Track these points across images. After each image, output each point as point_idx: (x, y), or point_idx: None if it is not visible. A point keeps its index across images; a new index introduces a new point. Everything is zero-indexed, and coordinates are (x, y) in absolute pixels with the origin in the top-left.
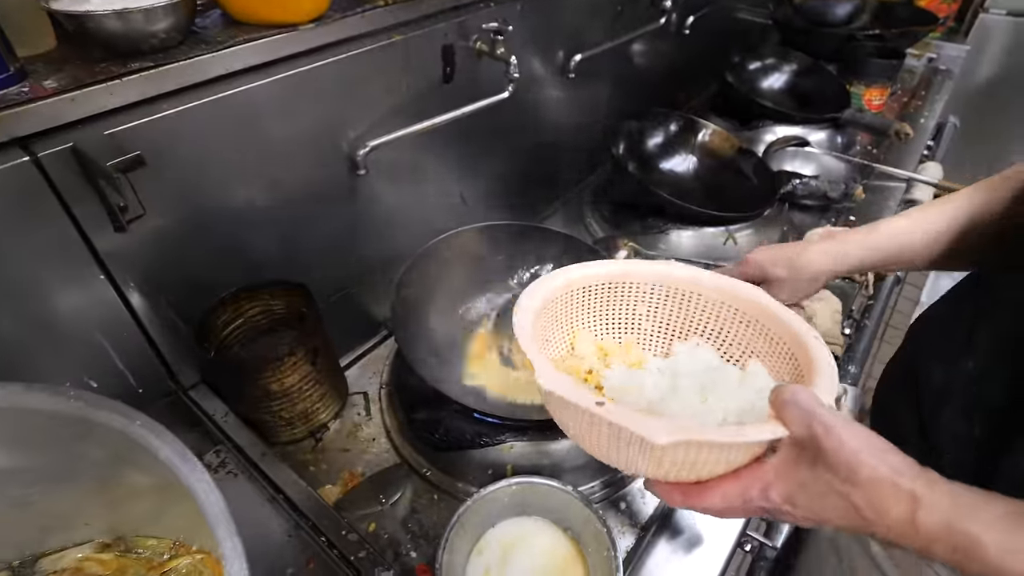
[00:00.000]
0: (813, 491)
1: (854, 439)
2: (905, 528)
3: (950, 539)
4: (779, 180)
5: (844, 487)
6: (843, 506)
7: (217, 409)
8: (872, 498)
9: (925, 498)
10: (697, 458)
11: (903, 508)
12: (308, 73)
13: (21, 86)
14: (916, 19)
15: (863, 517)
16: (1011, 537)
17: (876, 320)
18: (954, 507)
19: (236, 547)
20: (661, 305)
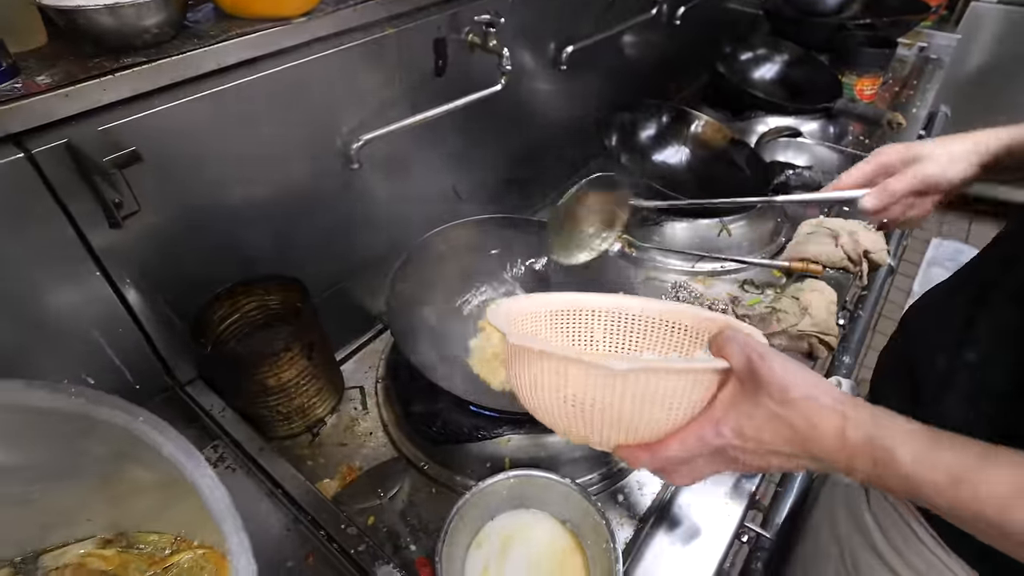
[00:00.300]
0: (757, 419)
1: (786, 363)
2: (834, 443)
3: (872, 453)
4: (772, 171)
5: (781, 409)
6: (782, 428)
7: (214, 404)
8: (806, 415)
9: (851, 415)
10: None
11: (833, 423)
12: (301, 67)
13: (13, 82)
14: (908, 8)
15: (799, 435)
16: (922, 450)
17: (870, 310)
18: (875, 424)
19: (243, 542)
20: (614, 328)
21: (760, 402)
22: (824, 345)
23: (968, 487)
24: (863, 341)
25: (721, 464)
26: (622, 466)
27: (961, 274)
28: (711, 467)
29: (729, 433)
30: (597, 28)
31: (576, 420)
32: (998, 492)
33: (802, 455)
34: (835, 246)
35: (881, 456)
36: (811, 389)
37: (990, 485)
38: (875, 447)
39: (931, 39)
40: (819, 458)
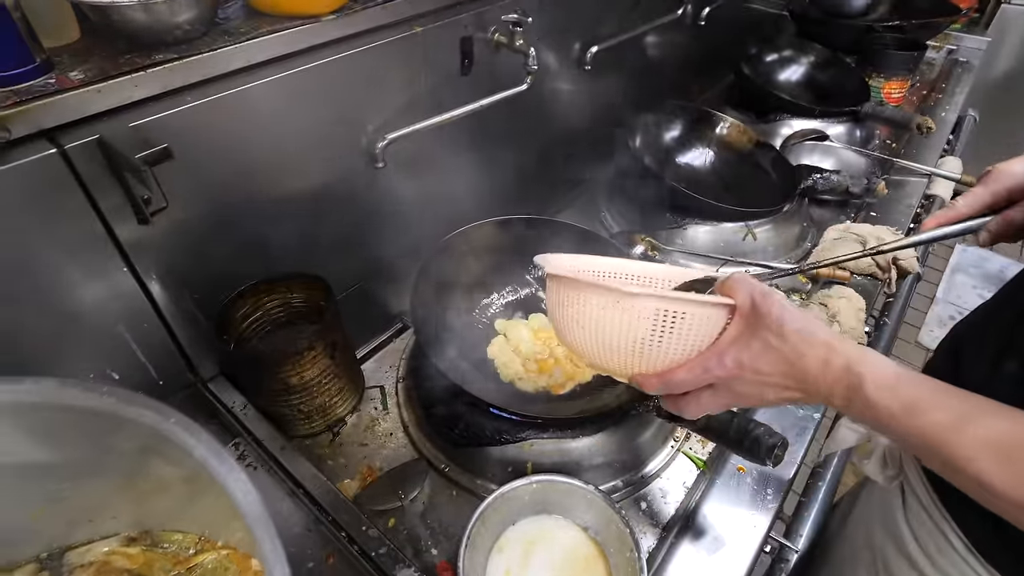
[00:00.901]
0: (755, 349)
1: (785, 303)
2: (818, 370)
3: (847, 379)
4: (799, 174)
5: (777, 340)
6: (777, 359)
7: (236, 402)
8: (797, 346)
9: (837, 345)
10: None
11: (819, 352)
12: (329, 65)
13: (47, 77)
14: (937, 10)
15: (790, 364)
16: (887, 379)
17: (896, 318)
18: (856, 353)
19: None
20: None
21: (759, 335)
22: None
23: (918, 415)
24: (890, 349)
25: (724, 396)
26: (645, 473)
27: (1004, 292)
28: (714, 401)
29: (731, 363)
30: (622, 28)
31: (600, 347)
32: (942, 419)
33: (793, 386)
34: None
35: (853, 382)
36: (805, 324)
37: (936, 413)
38: (850, 373)
39: (960, 42)
40: (806, 386)
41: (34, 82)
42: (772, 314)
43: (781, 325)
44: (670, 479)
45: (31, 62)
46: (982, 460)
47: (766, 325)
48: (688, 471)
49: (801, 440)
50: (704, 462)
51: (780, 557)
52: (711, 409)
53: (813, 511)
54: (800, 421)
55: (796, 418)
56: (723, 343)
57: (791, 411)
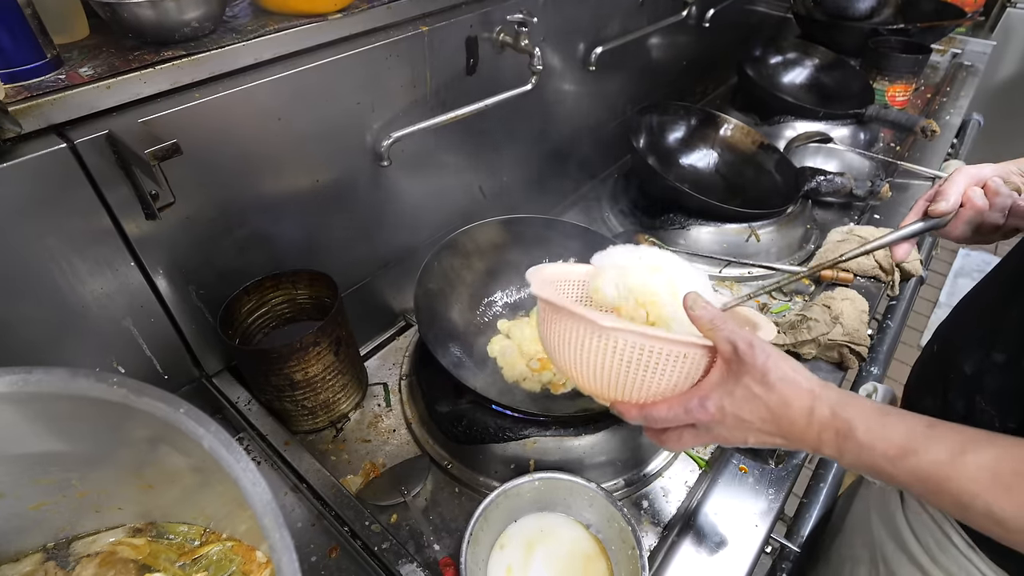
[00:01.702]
0: (738, 397)
1: (769, 352)
2: (804, 419)
3: (834, 425)
4: (802, 176)
5: (759, 389)
6: (759, 408)
7: (240, 397)
8: (782, 395)
9: (820, 393)
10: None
11: (803, 403)
12: (335, 63)
13: (57, 73)
14: (942, 13)
15: (774, 413)
16: (874, 421)
17: (899, 321)
18: (840, 401)
19: (285, 538)
20: None
21: (742, 382)
22: (855, 355)
23: (913, 457)
24: (892, 351)
25: (704, 437)
26: (647, 472)
27: (986, 279)
28: (695, 439)
29: (713, 408)
30: (627, 29)
31: (582, 370)
32: (940, 458)
33: (775, 433)
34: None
35: (842, 427)
36: (789, 373)
37: (932, 453)
38: (837, 419)
39: (965, 45)
40: (789, 435)
41: (44, 78)
42: (757, 362)
43: (765, 374)
44: (672, 478)
45: (41, 58)
46: (987, 493)
47: (750, 373)
48: (690, 470)
49: None
50: (706, 462)
51: (781, 557)
52: (692, 446)
53: (814, 512)
54: None
55: None
56: (706, 387)
57: None
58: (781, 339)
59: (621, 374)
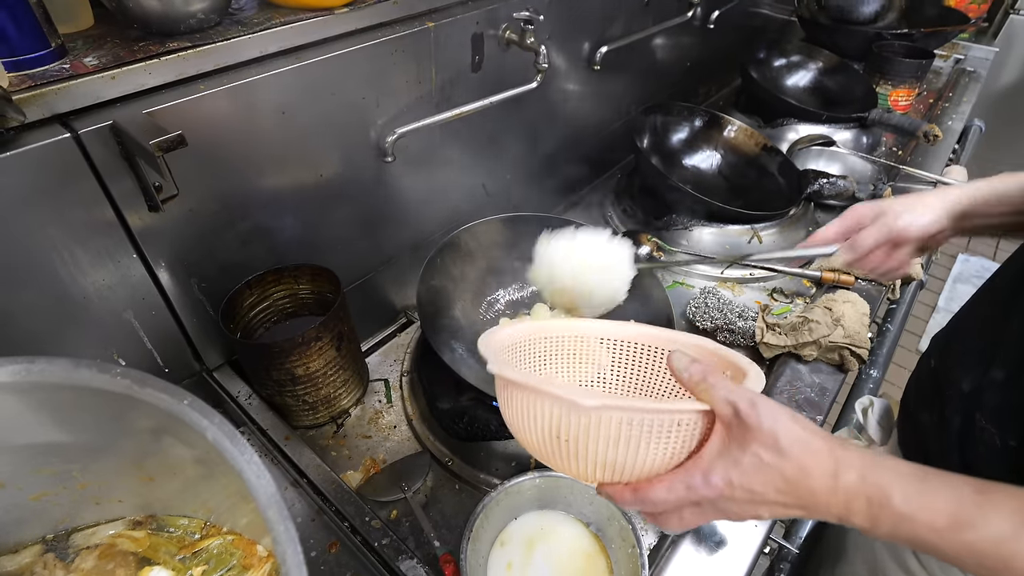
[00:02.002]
0: (746, 467)
1: (775, 410)
2: (827, 486)
3: (864, 490)
4: (805, 179)
5: (772, 456)
6: (773, 477)
7: (241, 391)
8: (798, 461)
9: (842, 456)
10: (631, 437)
11: (825, 467)
12: (340, 58)
13: (62, 63)
14: (946, 19)
15: (790, 483)
16: (914, 488)
17: (898, 324)
18: (865, 463)
19: (289, 531)
20: (623, 355)
21: (749, 449)
22: (855, 357)
23: (970, 531)
24: (891, 355)
25: (710, 514)
26: None
27: (984, 289)
28: (699, 518)
29: (719, 482)
30: (632, 29)
31: (557, 452)
32: (1002, 532)
33: (793, 504)
34: None
35: (874, 495)
36: (803, 435)
37: (992, 527)
38: (868, 485)
39: (968, 51)
40: (810, 505)
41: (49, 67)
42: (764, 426)
43: (776, 438)
44: None
45: (46, 47)
46: None
47: (758, 439)
48: None
49: None
50: None
51: (779, 558)
52: (695, 525)
53: None
54: None
55: None
56: (707, 458)
57: None
58: (782, 341)
59: (608, 454)
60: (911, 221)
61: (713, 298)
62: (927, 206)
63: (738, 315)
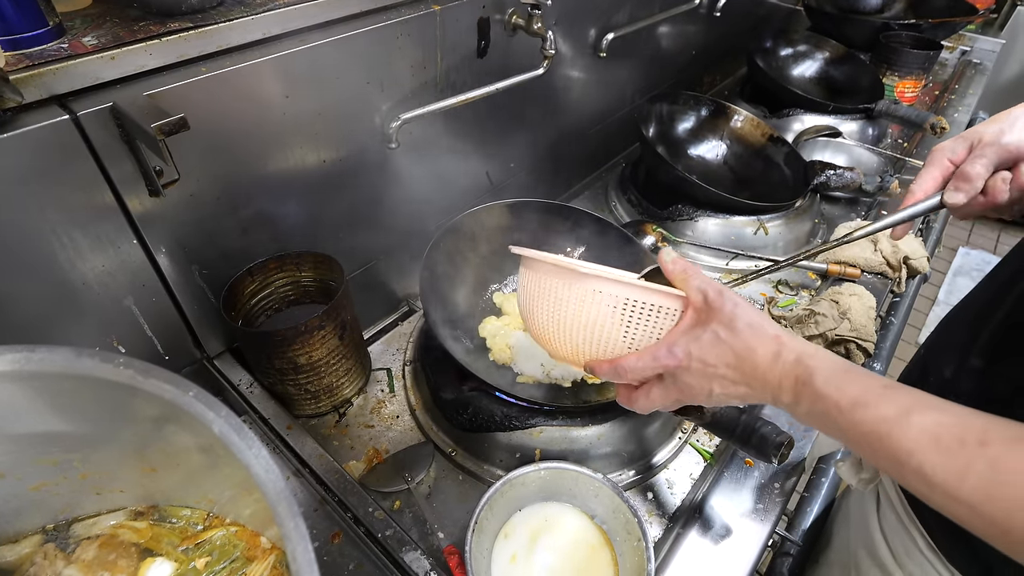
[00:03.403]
0: (704, 342)
1: (738, 300)
2: (767, 364)
3: (795, 370)
4: (812, 170)
5: (726, 333)
6: (725, 352)
7: (242, 379)
8: (747, 340)
9: (786, 341)
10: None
11: (769, 348)
12: (345, 41)
13: (60, 42)
14: (954, 9)
15: (738, 357)
16: (836, 373)
17: (902, 318)
18: (805, 348)
19: (299, 527)
20: None
21: (709, 327)
22: (861, 351)
23: (862, 410)
24: (895, 348)
25: (672, 391)
26: (652, 464)
27: (980, 285)
28: (663, 395)
29: (680, 352)
30: (638, 16)
31: (558, 330)
32: (886, 413)
33: (739, 380)
34: (874, 250)
35: (802, 374)
36: (756, 320)
37: (881, 407)
38: (800, 366)
39: (974, 43)
40: (752, 381)
41: (47, 46)
42: (725, 309)
43: (733, 320)
44: (677, 470)
45: (43, 25)
46: (923, 452)
47: (718, 319)
48: (695, 463)
49: (808, 437)
50: (711, 455)
51: (782, 551)
52: (659, 405)
53: (815, 507)
54: None
55: None
56: (675, 334)
57: None
58: None
59: (596, 329)
60: (1020, 137)
61: None
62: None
63: None
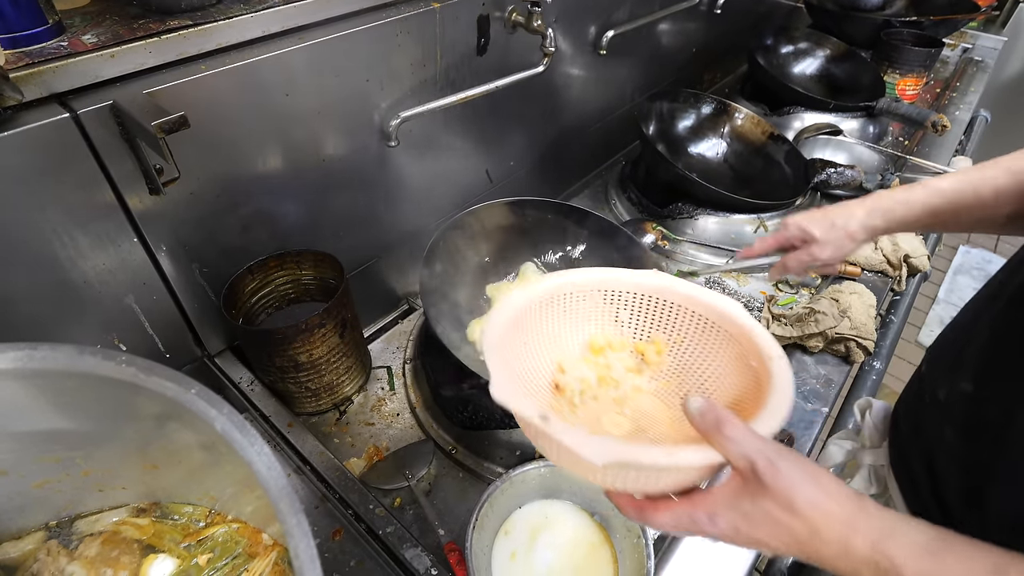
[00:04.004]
0: (755, 520)
1: (795, 472)
2: (836, 552)
3: (874, 558)
4: (812, 168)
5: (784, 515)
6: (781, 533)
7: (243, 377)
8: (810, 525)
9: (858, 523)
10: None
11: (836, 535)
12: (345, 39)
13: (59, 40)
14: (955, 7)
15: (799, 541)
16: (926, 563)
17: (902, 317)
18: (880, 531)
19: (302, 523)
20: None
21: (760, 505)
22: (861, 349)
23: None
24: (894, 347)
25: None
26: None
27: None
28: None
29: (725, 527)
30: (638, 13)
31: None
32: None
33: (800, 555)
34: (874, 249)
35: (884, 564)
36: (820, 498)
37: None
38: (877, 552)
39: (976, 40)
40: (818, 561)
41: (46, 44)
42: (779, 487)
43: (791, 500)
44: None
45: (43, 23)
46: None
47: (772, 497)
48: None
49: (808, 434)
50: None
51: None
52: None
53: None
54: (808, 415)
55: (804, 412)
56: (716, 501)
57: (799, 405)
58: (788, 332)
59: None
60: (833, 258)
61: (718, 288)
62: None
63: (743, 305)
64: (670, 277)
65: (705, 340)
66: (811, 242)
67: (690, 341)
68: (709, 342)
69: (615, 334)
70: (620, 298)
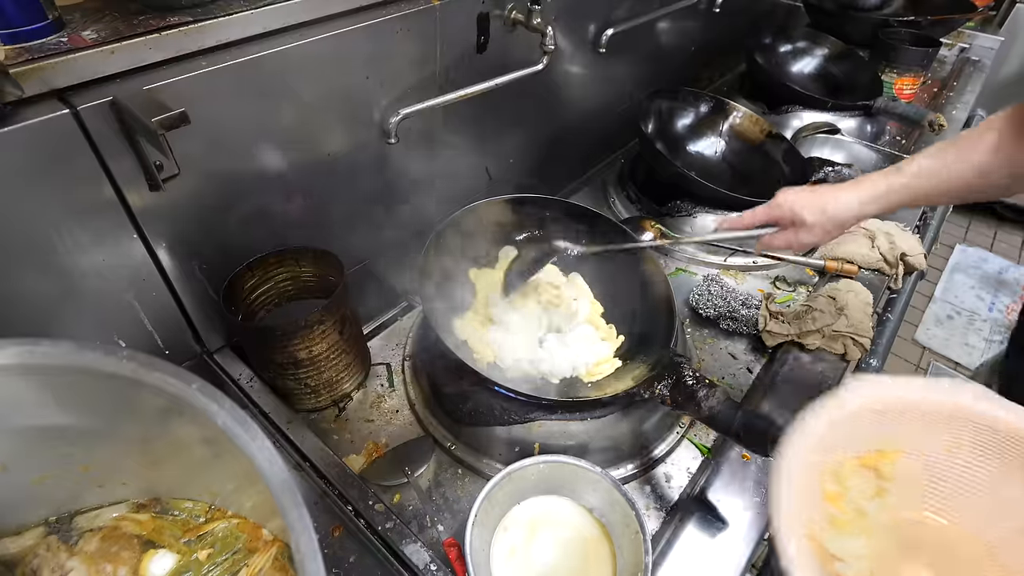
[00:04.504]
0: None
1: None
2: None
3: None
4: (810, 167)
5: None
6: None
7: (242, 374)
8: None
9: None
10: None
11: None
12: (345, 36)
13: (59, 36)
14: (953, 7)
15: None
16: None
17: (899, 315)
18: None
19: (303, 518)
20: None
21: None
22: (858, 346)
23: None
24: (891, 345)
25: None
26: (651, 457)
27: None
28: None
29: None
30: (638, 12)
31: None
32: None
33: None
34: (871, 247)
35: None
36: None
37: None
38: None
39: (973, 40)
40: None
41: (46, 40)
42: None
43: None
44: (675, 464)
45: (43, 19)
46: None
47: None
48: (692, 458)
49: None
50: (708, 449)
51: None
52: None
53: None
54: None
55: None
56: None
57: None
58: (785, 329)
59: None
60: (818, 243)
61: (716, 286)
62: (841, 227)
63: (741, 303)
64: None
65: None
66: (800, 225)
67: None
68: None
69: None
70: None
